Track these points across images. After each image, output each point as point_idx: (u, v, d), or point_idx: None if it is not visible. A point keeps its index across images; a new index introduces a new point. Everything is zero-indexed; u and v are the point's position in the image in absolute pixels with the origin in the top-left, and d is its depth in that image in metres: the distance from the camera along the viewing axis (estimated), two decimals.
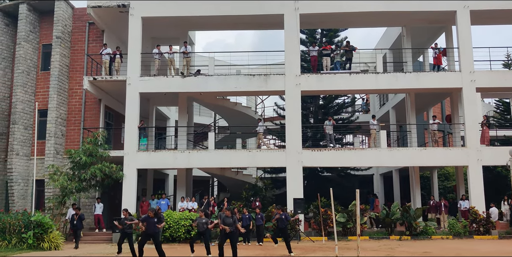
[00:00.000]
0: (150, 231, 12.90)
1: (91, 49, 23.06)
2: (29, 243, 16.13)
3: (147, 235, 12.92)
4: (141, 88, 20.92)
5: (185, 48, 22.05)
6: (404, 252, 14.74)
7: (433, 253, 14.56)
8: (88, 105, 22.74)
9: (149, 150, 21.52)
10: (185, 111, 23.51)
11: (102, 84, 21.72)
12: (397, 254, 14.39)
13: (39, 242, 16.28)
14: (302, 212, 19.02)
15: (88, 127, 22.08)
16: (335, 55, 22.90)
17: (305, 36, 29.43)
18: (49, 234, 16.49)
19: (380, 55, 23.15)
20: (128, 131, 20.66)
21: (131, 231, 14.40)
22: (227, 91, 21.89)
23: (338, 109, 30.26)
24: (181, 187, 22.40)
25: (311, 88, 21.11)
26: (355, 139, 25.38)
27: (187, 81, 21.07)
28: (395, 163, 21.39)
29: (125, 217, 14.62)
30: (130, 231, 14.35)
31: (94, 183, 19.96)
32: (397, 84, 21.03)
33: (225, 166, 22.06)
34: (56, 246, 16.32)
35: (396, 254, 14.40)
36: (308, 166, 21.18)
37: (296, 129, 20.59)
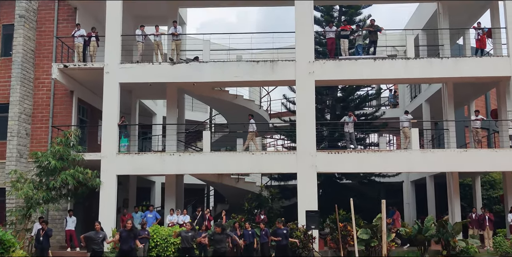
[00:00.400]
0: (125, 248, 13.00)
1: (61, 31, 23.06)
2: None
3: (122, 252, 13.01)
4: (121, 77, 20.93)
5: (175, 29, 22.04)
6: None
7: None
8: (58, 98, 22.76)
9: (132, 152, 21.53)
10: (175, 106, 23.50)
11: (74, 73, 21.73)
12: None
13: None
14: (316, 227, 18.99)
15: (58, 124, 22.10)
16: (357, 37, 22.82)
17: (320, 14, 29.37)
18: (11, 254, 16.51)
19: (412, 37, 23.06)
20: (106, 129, 20.68)
21: (102, 249, 14.41)
22: (225, 81, 21.86)
23: (360, 103, 30.21)
24: (170, 197, 22.41)
25: (328, 77, 21.07)
26: (381, 139, 25.30)
27: (177, 69, 21.06)
28: (429, 168, 21.31)
29: (96, 232, 14.63)
30: (100, 250, 14.38)
31: (66, 192, 19.98)
32: (431, 72, 20.96)
33: (223, 172, 22.04)
34: None
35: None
36: (323, 171, 21.15)
37: (309, 127, 20.56)
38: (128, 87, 23.43)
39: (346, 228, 19.37)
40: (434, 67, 20.93)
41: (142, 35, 22.07)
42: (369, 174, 28.20)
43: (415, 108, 30.15)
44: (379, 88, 34.84)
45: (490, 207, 27.48)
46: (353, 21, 28.70)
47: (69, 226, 20.49)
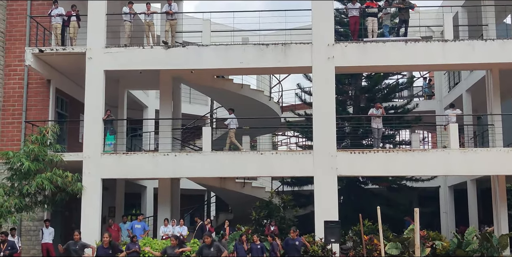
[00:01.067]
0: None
1: (35, 9, 23.13)
2: None
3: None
4: (107, 64, 20.98)
5: (169, 7, 22.06)
6: None
7: None
8: (32, 88, 22.86)
9: (119, 152, 21.61)
10: (169, 97, 23.56)
11: (52, 59, 21.82)
12: None
13: None
14: (337, 240, 18.99)
15: (32, 119, 22.20)
16: (385, 15, 22.77)
17: None
18: None
19: (450, 14, 22.97)
20: (89, 125, 20.76)
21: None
22: (229, 68, 21.88)
23: (388, 93, 30.16)
24: (164, 205, 22.49)
25: (350, 63, 21.06)
26: (413, 137, 25.26)
27: (172, 54, 21.09)
28: (470, 170, 21.29)
29: (75, 242, 14.73)
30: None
31: (42, 199, 20.05)
32: (474, 57, 20.90)
33: (226, 175, 22.12)
34: None
35: None
36: (345, 175, 21.15)
37: (329, 122, 20.56)
38: (115, 76, 23.47)
39: (372, 241, 19.39)
40: (476, 50, 20.85)
41: (130, 14, 22.09)
42: (399, 178, 28.15)
43: (454, 99, 30.05)
44: (411, 76, 34.77)
45: None
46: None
47: (46, 239, 20.56)
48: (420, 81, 37.19)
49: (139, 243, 18.42)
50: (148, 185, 30.72)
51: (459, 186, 29.74)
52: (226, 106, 29.01)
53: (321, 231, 19.27)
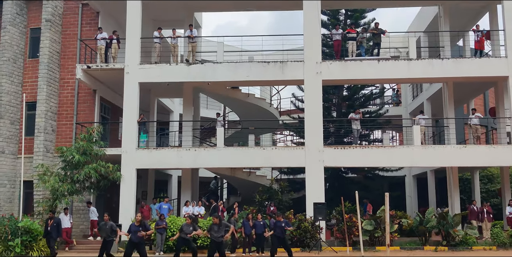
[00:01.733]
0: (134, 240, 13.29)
1: (84, 34, 23.15)
2: (17, 252, 16.33)
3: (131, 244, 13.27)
4: (140, 77, 21.00)
5: (191, 32, 22.05)
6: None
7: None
8: (81, 97, 22.86)
9: (150, 147, 21.62)
10: (190, 104, 23.55)
11: (97, 73, 21.83)
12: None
13: (27, 251, 16.49)
14: (323, 218, 18.97)
15: (81, 121, 22.20)
16: (362, 39, 22.72)
17: (327, 17, 29.20)
18: (38, 242, 16.68)
19: (414, 39, 22.93)
20: (126, 126, 20.77)
21: (111, 239, 14.44)
22: (238, 81, 21.90)
23: (365, 101, 30.07)
24: (186, 189, 22.49)
25: (334, 77, 21.02)
26: (384, 136, 25.19)
27: (193, 69, 21.10)
28: (430, 163, 21.22)
29: (105, 222, 14.69)
30: (110, 239, 14.42)
31: (89, 185, 20.07)
32: (433, 72, 20.84)
33: (236, 166, 22.11)
34: (47, 255, 16.50)
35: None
36: (330, 166, 21.12)
37: (317, 124, 20.52)
38: (147, 86, 23.47)
39: (352, 219, 19.32)
40: (435, 67, 20.80)
41: (159, 38, 22.09)
42: (373, 168, 28.08)
43: (417, 106, 29.98)
44: (382, 87, 34.67)
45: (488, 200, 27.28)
46: (358, 24, 28.51)
47: (93, 217, 20.58)
48: (389, 91, 37.07)
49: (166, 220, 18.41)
50: (173, 174, 30.65)
51: (421, 175, 29.65)
52: (236, 111, 29.00)
53: (311, 211, 19.29)
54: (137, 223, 13.66)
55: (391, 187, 31.13)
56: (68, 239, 19.42)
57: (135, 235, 13.53)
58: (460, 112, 29.80)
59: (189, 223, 15.68)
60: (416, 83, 30.67)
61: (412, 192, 31.10)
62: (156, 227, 17.99)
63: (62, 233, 19.18)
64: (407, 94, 33.89)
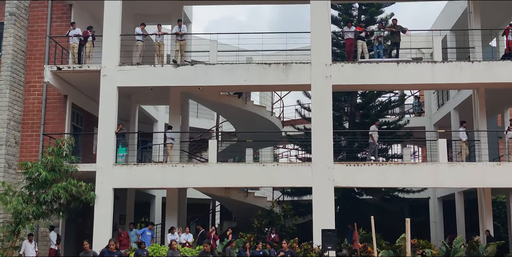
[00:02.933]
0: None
1: (54, 30, 23.19)
2: None
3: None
4: (119, 80, 20.97)
5: (179, 28, 22.09)
6: None
7: None
8: (50, 103, 22.84)
9: (130, 163, 21.54)
10: (178, 112, 23.54)
11: (68, 76, 21.81)
12: None
13: None
14: (333, 247, 18.85)
15: (50, 132, 22.15)
16: (378, 38, 22.78)
17: (338, 13, 29.39)
18: None
19: (439, 38, 22.98)
20: (102, 138, 20.71)
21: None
22: (234, 85, 21.91)
23: (381, 110, 30.14)
24: (172, 213, 22.38)
25: (346, 82, 21.02)
26: (405, 151, 25.15)
27: (181, 71, 21.09)
28: (458, 183, 21.16)
29: (85, 251, 14.59)
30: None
31: (57, 206, 19.97)
32: (461, 77, 20.85)
33: (230, 185, 22.04)
34: None
35: None
36: (341, 186, 21.02)
37: (326, 136, 20.48)
38: (127, 92, 23.47)
39: (366, 249, 19.24)
40: (464, 71, 20.80)
41: (142, 35, 22.13)
42: (391, 189, 28.04)
43: (443, 116, 30.01)
44: (402, 94, 34.75)
45: None
46: (374, 20, 28.67)
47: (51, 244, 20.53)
48: (411, 99, 37.17)
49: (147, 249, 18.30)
50: (157, 195, 30.60)
51: (448, 197, 29.58)
52: (231, 120, 29.02)
53: (319, 238, 19.14)
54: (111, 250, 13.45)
55: (413, 211, 31.08)
56: None
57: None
58: (494, 124, 29.83)
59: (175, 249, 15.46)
60: (441, 90, 30.72)
61: (437, 218, 31.01)
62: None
63: None
64: (431, 103, 33.93)
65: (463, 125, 22.34)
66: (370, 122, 28.48)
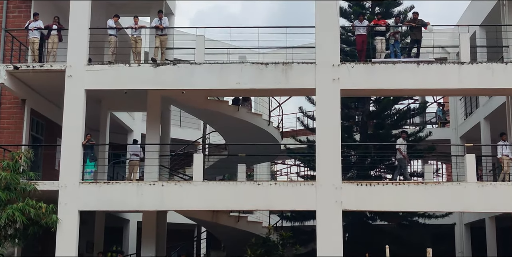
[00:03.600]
0: None
1: (11, 22, 23.23)
2: None
3: None
4: (88, 82, 20.95)
5: (160, 21, 22.14)
6: None
7: None
8: (5, 109, 22.80)
9: (100, 181, 21.47)
10: (158, 120, 23.52)
11: (27, 77, 21.78)
12: None
13: None
14: None
15: (4, 144, 22.07)
16: (395, 34, 22.86)
17: (348, 4, 29.54)
18: None
19: (467, 35, 23.08)
20: (67, 150, 20.62)
21: None
22: (224, 89, 21.93)
23: (399, 120, 30.20)
24: (149, 241, 22.36)
25: (357, 86, 21.07)
26: (426, 168, 25.14)
27: (161, 72, 21.09)
28: (489, 207, 21.09)
29: None
30: None
31: (12, 232, 19.87)
32: (493, 81, 20.89)
33: (219, 208, 21.97)
34: None
35: None
36: (351, 209, 20.98)
37: (333, 150, 20.48)
38: (97, 96, 23.51)
39: None
40: (496, 74, 20.86)
41: (116, 28, 22.13)
42: (410, 213, 28.04)
43: (471, 127, 30.12)
44: (424, 101, 34.86)
45: None
46: (391, 13, 28.79)
47: None
48: (433, 107, 37.27)
49: None
50: (131, 219, 30.54)
51: (477, 223, 29.62)
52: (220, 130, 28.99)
53: None
54: None
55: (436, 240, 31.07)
56: None
57: None
58: None
59: None
60: (470, 96, 30.82)
61: (464, 247, 31.05)
62: None
63: None
64: (458, 111, 34.06)
65: (502, 137, 22.25)
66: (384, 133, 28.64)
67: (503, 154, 21.77)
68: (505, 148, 21.80)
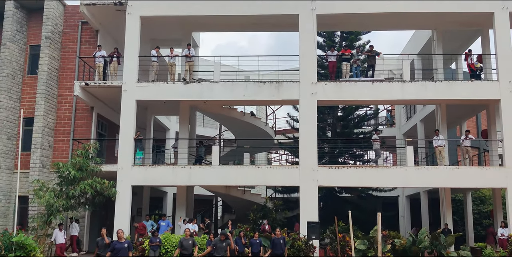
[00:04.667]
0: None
1: (83, 51, 23.32)
2: None
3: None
4: (138, 95, 21.06)
5: (188, 51, 22.19)
6: None
7: None
8: (78, 113, 22.94)
9: (146, 164, 21.60)
10: (187, 122, 23.61)
11: (95, 90, 21.92)
12: None
13: None
14: (317, 237, 18.91)
15: (78, 138, 22.22)
16: (356, 60, 22.95)
17: (323, 39, 29.56)
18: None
19: (407, 61, 23.18)
20: (123, 143, 20.75)
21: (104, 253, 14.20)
22: (234, 100, 21.98)
23: (359, 122, 30.24)
24: (181, 207, 22.41)
25: (329, 98, 21.11)
26: None
27: (189, 88, 21.19)
28: (423, 183, 21.27)
29: (101, 238, 14.49)
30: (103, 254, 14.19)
31: (84, 201, 20.03)
32: (426, 94, 20.96)
33: (230, 184, 22.05)
34: None
35: None
36: (324, 185, 21.10)
37: (311, 144, 20.56)
38: (144, 104, 23.56)
39: (345, 238, 19.26)
40: (428, 89, 20.92)
41: (157, 56, 22.24)
42: (367, 188, 28.10)
43: (410, 127, 30.16)
44: (377, 108, 34.89)
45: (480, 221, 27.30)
46: (353, 46, 28.82)
47: (74, 232, 20.47)
48: (384, 112, 37.29)
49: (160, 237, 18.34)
50: (168, 191, 30.59)
51: (414, 196, 29.68)
52: (231, 129, 29.08)
53: (305, 229, 19.21)
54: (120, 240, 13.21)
55: (385, 207, 31.11)
56: (62, 255, 19.29)
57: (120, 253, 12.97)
58: (453, 134, 29.98)
59: (187, 237, 15.45)
60: (409, 105, 30.88)
61: (405, 213, 31.09)
62: (150, 244, 17.91)
63: (57, 248, 19.17)
64: (401, 115, 34.09)
65: (435, 132, 22.29)
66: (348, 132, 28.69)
67: (436, 145, 21.85)
68: (437, 141, 21.88)
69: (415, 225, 28.71)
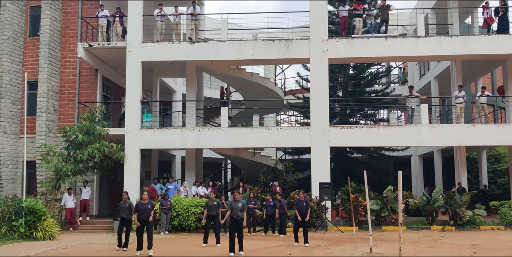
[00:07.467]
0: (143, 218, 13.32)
1: (85, 12, 22.99)
2: (21, 232, 16.44)
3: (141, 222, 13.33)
4: (143, 56, 20.89)
5: (194, 9, 21.82)
6: (448, 245, 14.70)
7: (482, 245, 14.47)
8: (83, 76, 22.80)
9: (154, 128, 21.61)
10: (194, 83, 23.45)
11: (99, 52, 21.72)
12: (441, 246, 14.37)
13: (31, 231, 16.58)
14: (329, 198, 19.03)
15: (83, 101, 22.17)
16: (368, 16, 22.48)
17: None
18: (42, 222, 16.77)
19: (422, 15, 22.64)
20: (129, 105, 20.73)
21: (130, 216, 14.40)
22: (242, 60, 21.75)
23: (371, 80, 29.93)
24: (190, 170, 22.55)
25: (341, 55, 20.88)
26: (391, 115, 25.10)
27: (196, 47, 20.95)
28: (437, 142, 21.21)
29: (123, 201, 14.69)
30: (130, 217, 14.40)
31: (92, 165, 20.16)
32: (441, 50, 20.67)
33: (240, 146, 22.08)
34: (51, 235, 16.61)
35: (439, 246, 14.37)
36: (336, 146, 21.09)
37: (323, 104, 20.44)
38: (150, 66, 23.39)
39: (358, 199, 19.40)
40: (443, 45, 20.62)
41: (162, 15, 21.87)
42: (379, 148, 28.08)
43: (424, 85, 29.81)
44: (389, 66, 34.46)
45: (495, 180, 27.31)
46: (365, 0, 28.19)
47: (84, 196, 20.69)
48: (396, 70, 36.86)
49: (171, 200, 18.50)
50: (177, 154, 30.75)
51: (427, 155, 29.66)
52: (240, 90, 28.88)
53: (317, 190, 19.34)
54: (144, 201, 13.59)
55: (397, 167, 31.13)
56: (72, 219, 19.58)
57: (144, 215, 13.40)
58: (468, 91, 29.63)
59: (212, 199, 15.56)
60: (423, 61, 30.45)
61: (418, 172, 31.15)
62: (161, 207, 18.10)
63: (67, 213, 19.43)
64: (414, 73, 33.68)
65: (458, 88, 21.89)
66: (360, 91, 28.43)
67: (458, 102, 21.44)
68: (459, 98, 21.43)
69: (427, 185, 28.80)
